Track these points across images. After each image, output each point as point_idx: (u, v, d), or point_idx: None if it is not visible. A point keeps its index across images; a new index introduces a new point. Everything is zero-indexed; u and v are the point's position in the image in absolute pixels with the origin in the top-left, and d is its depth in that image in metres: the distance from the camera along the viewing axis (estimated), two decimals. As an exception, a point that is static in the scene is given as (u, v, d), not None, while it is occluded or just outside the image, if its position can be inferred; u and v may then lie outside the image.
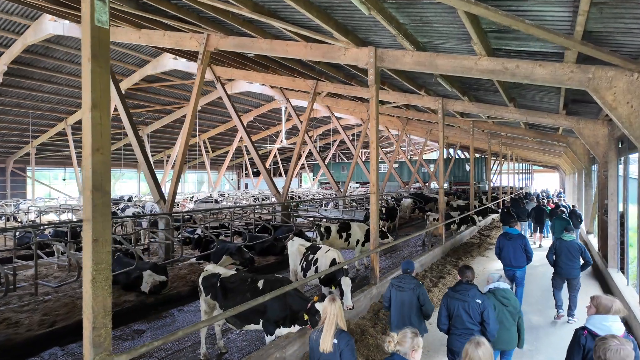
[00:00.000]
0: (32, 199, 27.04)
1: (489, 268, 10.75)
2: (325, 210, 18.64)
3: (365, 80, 12.12)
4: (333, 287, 6.29)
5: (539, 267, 10.76)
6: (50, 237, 12.14)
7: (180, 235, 12.25)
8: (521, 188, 45.53)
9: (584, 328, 3.27)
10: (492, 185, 45.13)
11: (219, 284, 5.56)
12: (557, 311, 7.24)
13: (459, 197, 28.77)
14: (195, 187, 46.32)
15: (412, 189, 33.57)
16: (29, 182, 30.34)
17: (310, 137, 31.98)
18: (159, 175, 33.93)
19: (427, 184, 36.03)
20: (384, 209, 16.76)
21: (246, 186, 47.63)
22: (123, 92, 22.07)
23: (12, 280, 7.40)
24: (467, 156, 50.26)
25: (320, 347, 3.34)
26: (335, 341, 3.33)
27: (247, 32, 9.16)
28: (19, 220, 18.47)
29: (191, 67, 18.52)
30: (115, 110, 24.41)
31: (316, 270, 7.05)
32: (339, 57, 8.04)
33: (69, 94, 22.39)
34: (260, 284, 5.40)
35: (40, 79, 20.36)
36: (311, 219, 18.05)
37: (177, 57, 18.71)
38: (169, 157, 34.87)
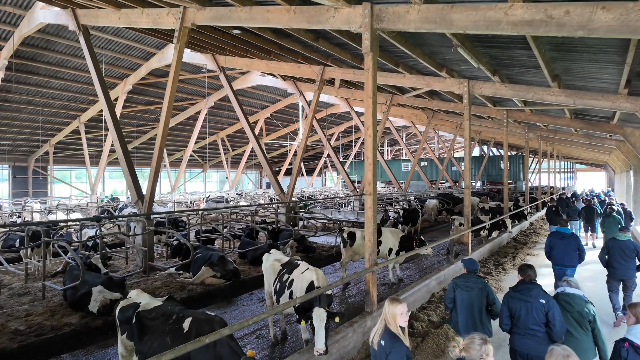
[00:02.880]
0: (33, 198, 26.98)
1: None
2: (339, 212, 16.90)
3: (382, 62, 10.29)
4: (302, 322, 4.60)
5: (590, 266, 9.88)
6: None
7: (164, 241, 10.93)
8: (563, 188, 41.74)
9: (624, 340, 3.17)
10: (530, 185, 41.65)
11: (134, 320, 4.01)
12: (615, 314, 6.91)
13: (493, 198, 26.16)
14: (218, 187, 45.80)
15: (440, 189, 31.13)
16: (50, 180, 30.53)
17: (329, 135, 30.42)
18: (173, 174, 33.44)
19: (457, 184, 33.40)
20: (401, 211, 14.81)
21: (268, 185, 46.59)
22: (131, 87, 21.46)
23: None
24: (502, 153, 46.84)
25: (370, 338, 3.45)
26: (383, 342, 3.28)
27: (225, 1, 7.63)
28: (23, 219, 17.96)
29: (196, 58, 17.33)
30: (125, 107, 23.94)
31: (290, 295, 5.38)
32: (327, 21, 6.33)
33: (78, 90, 21.88)
34: (186, 324, 3.80)
35: (47, 74, 19.87)
36: (322, 221, 16.38)
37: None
38: (190, 156, 34.26)
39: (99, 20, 10.97)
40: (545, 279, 8.30)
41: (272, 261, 6.03)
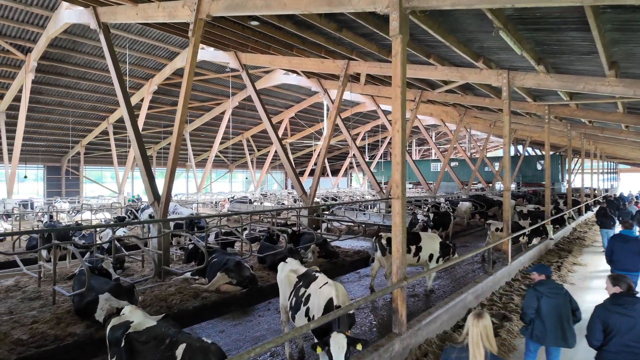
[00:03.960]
0: (64, 198, 27.60)
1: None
2: (364, 214, 16.12)
3: (412, 54, 9.48)
4: (318, 349, 3.92)
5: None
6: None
7: (182, 243, 10.55)
8: (606, 190, 39.05)
9: None
10: (571, 186, 39.19)
11: (123, 342, 3.46)
12: None
13: (529, 201, 24.55)
14: (243, 187, 45.92)
15: (472, 191, 29.66)
16: (81, 180, 31.36)
17: (355, 135, 29.61)
18: (199, 175, 33.56)
19: (490, 185, 31.78)
20: (431, 215, 13.86)
21: (292, 186, 46.26)
22: (156, 87, 21.51)
23: None
24: (538, 153, 44.46)
25: None
26: None
27: (241, -12, 7.09)
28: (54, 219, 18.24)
29: (219, 56, 17.05)
30: (151, 108, 24.09)
31: (307, 312, 4.72)
32: (349, 2, 5.63)
33: (106, 91, 22.16)
34: (179, 351, 3.21)
35: (75, 76, 20.18)
36: (347, 224, 15.66)
37: (205, 46, 17.34)
38: (216, 156, 34.35)
39: (117, 17, 10.74)
40: (599, 292, 7.25)
41: (287, 272, 5.39)
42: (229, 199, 28.00)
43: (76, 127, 25.93)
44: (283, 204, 24.77)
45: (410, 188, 40.51)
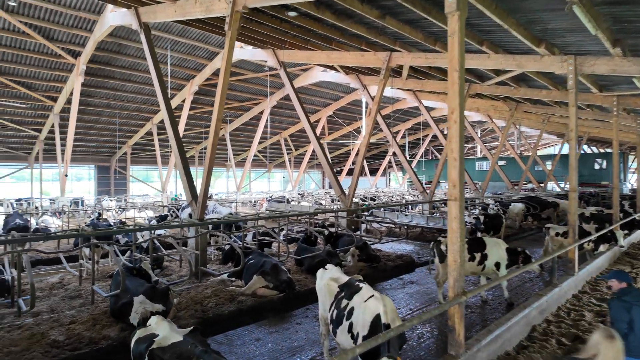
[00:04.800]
0: (112, 197, 28.69)
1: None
2: (406, 215, 15.31)
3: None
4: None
5: None
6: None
7: (220, 243, 10.36)
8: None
9: None
10: (631, 187, 35.74)
11: (146, 359, 3.10)
12: None
13: (587, 202, 22.47)
14: (281, 186, 46.09)
15: (522, 191, 27.74)
16: (128, 180, 32.70)
17: (394, 133, 28.75)
18: (239, 174, 33.94)
19: (542, 185, 29.60)
20: (482, 217, 12.83)
21: (330, 185, 45.82)
22: (197, 88, 21.82)
23: None
24: (595, 151, 41.10)
25: None
26: None
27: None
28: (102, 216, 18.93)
29: (257, 55, 16.90)
30: (192, 109, 24.53)
31: (350, 328, 4.18)
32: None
33: (149, 92, 22.77)
34: (205, 374, 2.78)
35: (121, 78, 20.87)
36: (388, 226, 14.93)
37: (243, 45, 17.28)
38: (255, 156, 34.62)
39: (157, 16, 10.74)
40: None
41: (327, 280, 4.87)
42: (267, 198, 28.04)
43: (122, 129, 26.97)
44: (320, 203, 24.36)
45: (453, 188, 38.80)
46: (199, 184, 9.66)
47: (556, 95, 13.18)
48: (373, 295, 4.14)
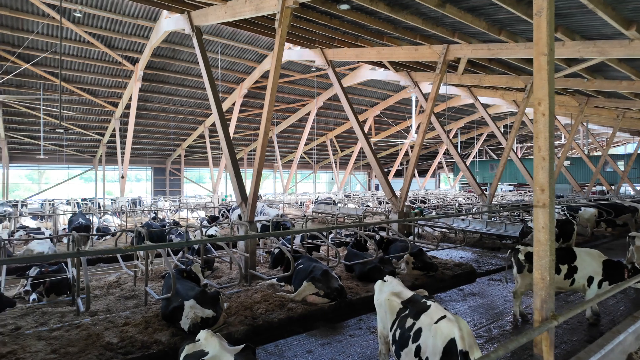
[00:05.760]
0: (166, 197, 29.84)
1: None
2: (463, 219, 14.31)
3: (526, 29, 7.80)
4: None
5: None
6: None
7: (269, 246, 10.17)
8: None
9: None
10: None
11: (195, 382, 2.81)
12: None
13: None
14: (327, 187, 45.90)
15: (591, 194, 25.25)
16: (182, 181, 34.08)
17: (448, 131, 27.39)
18: (285, 175, 34.12)
19: (614, 188, 26.79)
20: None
21: (376, 187, 44.89)
22: (246, 91, 22.11)
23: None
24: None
25: None
26: None
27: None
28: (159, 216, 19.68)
29: (304, 55, 16.72)
30: (242, 111, 24.94)
31: (417, 352, 3.66)
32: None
33: (201, 96, 23.44)
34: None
35: (175, 83, 21.64)
36: (442, 230, 14.05)
37: (291, 46, 17.19)
38: (301, 157, 34.71)
39: (208, 18, 10.81)
40: None
41: (388, 295, 4.37)
42: (313, 200, 27.87)
43: (177, 132, 28.08)
44: (368, 205, 23.73)
45: (510, 190, 36.38)
46: (248, 185, 9.55)
47: (638, 86, 11.67)
48: (445, 316, 3.60)
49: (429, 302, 3.95)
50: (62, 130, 21.52)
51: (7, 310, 6.32)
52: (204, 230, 12.14)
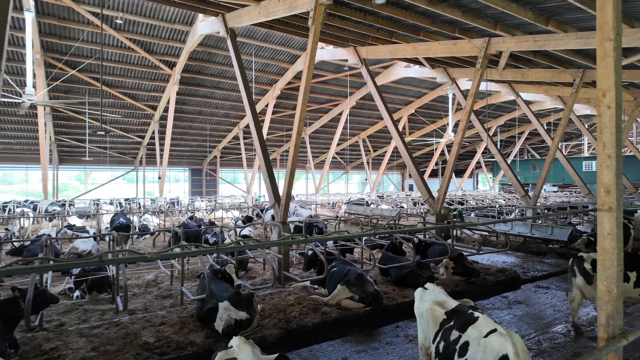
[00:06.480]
0: (203, 198, 30.49)
1: None
2: (505, 222, 13.58)
3: (577, 17, 7.20)
4: None
5: None
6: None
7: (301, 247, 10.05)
8: None
9: None
10: None
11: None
12: None
13: None
14: (359, 188, 45.46)
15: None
16: (217, 181, 34.88)
17: (488, 129, 26.33)
18: (317, 176, 34.06)
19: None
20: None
21: (410, 187, 43.90)
22: (279, 92, 22.24)
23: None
24: None
25: None
26: None
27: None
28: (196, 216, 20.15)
29: (337, 54, 16.57)
30: (275, 113, 25.10)
31: (464, 368, 3.36)
32: None
33: (236, 98, 23.81)
34: None
35: (211, 86, 22.10)
36: (482, 234, 13.39)
37: (324, 45, 17.07)
38: (333, 158, 34.55)
39: (242, 20, 10.86)
40: None
41: (430, 304, 4.08)
42: (344, 201, 27.61)
43: (212, 134, 28.74)
44: (402, 206, 23.17)
45: (554, 191, 34.42)
46: (281, 185, 9.49)
47: None
48: (496, 330, 3.28)
49: (476, 314, 3.63)
50: (103, 133, 22.54)
51: (52, 306, 6.54)
52: (237, 230, 12.24)
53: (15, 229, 13.10)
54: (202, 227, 12.68)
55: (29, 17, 13.10)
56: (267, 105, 23.69)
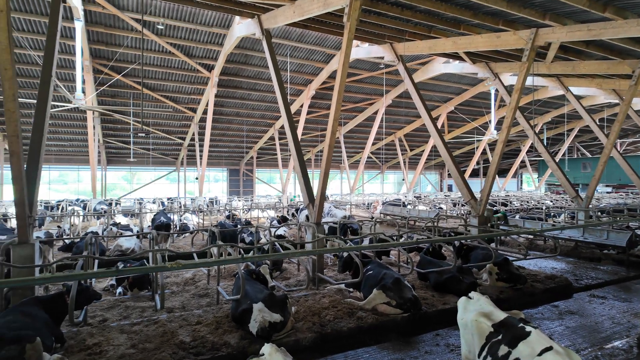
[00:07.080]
0: (239, 197, 31.01)
1: None
2: (554, 225, 12.70)
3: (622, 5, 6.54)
4: None
5: None
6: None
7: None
8: None
9: None
10: None
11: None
12: None
13: None
14: (395, 188, 44.63)
15: None
16: (254, 181, 35.50)
17: (534, 126, 25.07)
18: (352, 176, 33.72)
19: None
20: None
21: (449, 188, 42.49)
22: (314, 92, 22.22)
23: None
24: None
25: None
26: None
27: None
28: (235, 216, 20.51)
29: (373, 52, 16.29)
30: (309, 113, 25.07)
31: (514, 388, 3.06)
32: None
33: (271, 99, 24.05)
34: None
35: (247, 87, 22.46)
36: (528, 237, 12.60)
37: (359, 43, 16.83)
38: (368, 157, 34.12)
39: (277, 20, 10.86)
40: None
41: (475, 315, 3.78)
42: (380, 201, 27.13)
43: (249, 135, 29.25)
44: (441, 208, 22.42)
45: (609, 192, 32.03)
46: (315, 185, 9.38)
47: None
48: (551, 348, 2.95)
49: (527, 328, 3.31)
50: (143, 135, 23.52)
51: (95, 302, 6.79)
52: (272, 230, 12.28)
53: (66, 227, 13.88)
54: (239, 226, 12.83)
55: (79, 25, 13.85)
56: (301, 106, 23.74)
